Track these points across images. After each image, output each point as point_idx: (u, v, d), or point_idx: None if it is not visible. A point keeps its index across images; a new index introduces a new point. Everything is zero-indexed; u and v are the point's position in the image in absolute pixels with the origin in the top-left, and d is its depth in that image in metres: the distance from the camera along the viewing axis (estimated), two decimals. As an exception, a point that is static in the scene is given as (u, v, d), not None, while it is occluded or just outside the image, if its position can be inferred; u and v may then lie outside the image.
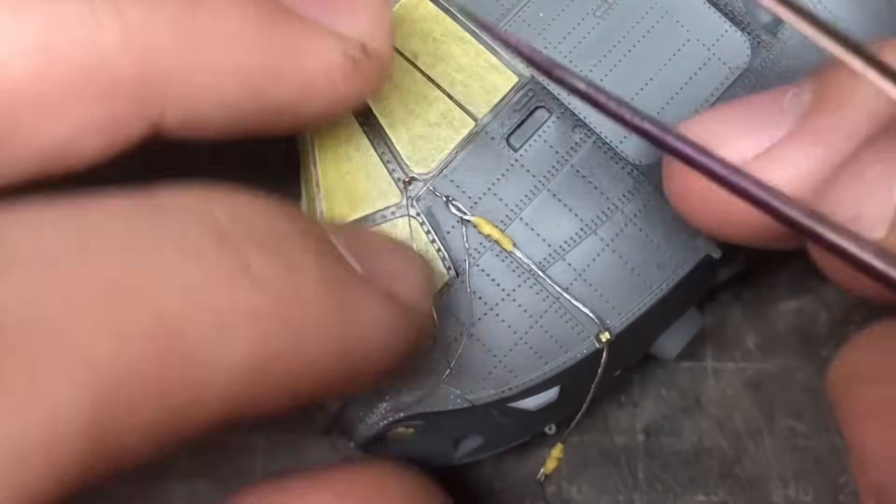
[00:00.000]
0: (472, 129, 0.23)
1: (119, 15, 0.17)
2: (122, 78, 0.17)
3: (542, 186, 0.23)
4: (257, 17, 0.18)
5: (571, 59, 0.23)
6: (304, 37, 0.19)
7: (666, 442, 0.29)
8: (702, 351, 0.30)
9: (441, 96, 0.23)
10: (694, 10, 0.23)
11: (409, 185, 0.23)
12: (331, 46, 0.19)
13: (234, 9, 0.18)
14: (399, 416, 0.23)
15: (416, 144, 0.23)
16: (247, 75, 0.18)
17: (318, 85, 0.19)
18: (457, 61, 0.23)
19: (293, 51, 0.18)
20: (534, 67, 0.16)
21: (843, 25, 0.19)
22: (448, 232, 0.23)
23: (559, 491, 0.29)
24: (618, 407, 0.30)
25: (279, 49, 0.18)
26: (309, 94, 0.19)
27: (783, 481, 0.29)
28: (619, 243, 0.23)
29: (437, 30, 0.23)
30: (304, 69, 0.19)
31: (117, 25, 0.17)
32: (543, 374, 0.23)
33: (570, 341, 0.22)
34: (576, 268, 0.22)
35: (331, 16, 0.19)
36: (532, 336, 0.22)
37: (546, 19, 0.23)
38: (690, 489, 0.29)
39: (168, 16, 0.17)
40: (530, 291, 0.22)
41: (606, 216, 0.23)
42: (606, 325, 0.23)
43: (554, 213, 0.23)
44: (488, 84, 0.23)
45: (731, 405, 0.30)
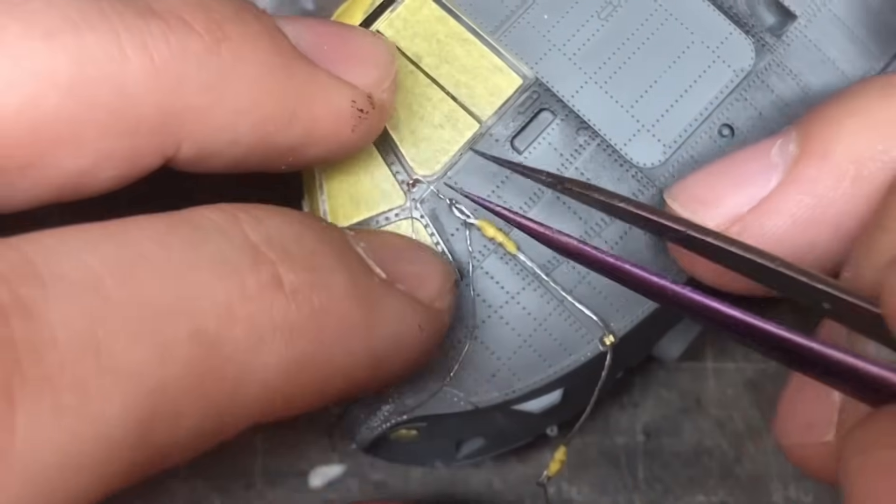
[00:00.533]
0: (476, 132, 0.23)
1: (145, 50, 0.17)
2: (145, 113, 0.17)
3: (547, 189, 0.23)
4: (276, 61, 0.19)
5: (576, 62, 0.23)
6: (317, 84, 0.19)
7: (666, 442, 0.30)
8: (702, 352, 0.30)
9: (445, 98, 0.23)
10: (698, 12, 0.23)
11: (413, 188, 0.23)
12: (340, 95, 0.20)
13: (256, 51, 0.18)
14: (402, 419, 0.23)
15: (420, 146, 0.23)
16: (261, 116, 0.19)
17: (325, 130, 0.20)
18: (461, 63, 0.23)
19: (306, 96, 0.19)
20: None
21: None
22: (452, 234, 0.23)
23: (559, 491, 0.29)
24: (618, 408, 0.30)
25: (293, 94, 0.19)
26: (316, 138, 0.20)
27: (783, 481, 0.29)
28: (623, 246, 0.23)
29: (441, 31, 0.23)
30: (315, 115, 0.19)
31: (144, 61, 0.17)
32: (547, 376, 0.23)
33: (574, 344, 0.22)
34: (580, 270, 0.22)
35: (343, 66, 0.20)
36: (536, 339, 0.22)
37: (550, 21, 0.23)
38: (690, 489, 0.29)
39: (193, 53, 0.17)
40: (534, 294, 0.22)
41: (610, 218, 0.23)
42: (610, 328, 0.23)
43: (558, 215, 0.23)
44: (492, 86, 0.23)
45: (731, 405, 0.30)
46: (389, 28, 0.23)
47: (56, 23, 0.16)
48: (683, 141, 0.23)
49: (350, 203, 0.23)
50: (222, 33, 0.18)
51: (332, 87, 0.20)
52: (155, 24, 0.17)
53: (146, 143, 0.18)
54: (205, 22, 0.18)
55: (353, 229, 0.21)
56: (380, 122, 0.21)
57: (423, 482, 0.30)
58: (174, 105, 0.17)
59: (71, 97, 0.16)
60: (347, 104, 0.20)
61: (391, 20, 0.23)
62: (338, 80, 0.20)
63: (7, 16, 0.16)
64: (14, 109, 0.16)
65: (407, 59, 0.23)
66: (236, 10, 0.19)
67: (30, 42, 0.16)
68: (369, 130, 0.21)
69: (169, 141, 0.18)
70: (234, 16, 0.18)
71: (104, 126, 0.17)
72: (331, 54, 0.20)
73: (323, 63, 0.20)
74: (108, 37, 0.17)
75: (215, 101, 0.18)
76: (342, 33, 0.21)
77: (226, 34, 0.18)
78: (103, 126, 0.17)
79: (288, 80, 0.19)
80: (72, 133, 0.17)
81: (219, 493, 0.29)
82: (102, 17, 0.17)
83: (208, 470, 0.29)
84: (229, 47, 0.18)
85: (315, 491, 0.30)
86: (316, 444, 0.30)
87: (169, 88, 0.17)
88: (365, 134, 0.21)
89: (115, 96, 0.17)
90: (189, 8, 0.18)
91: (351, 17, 0.24)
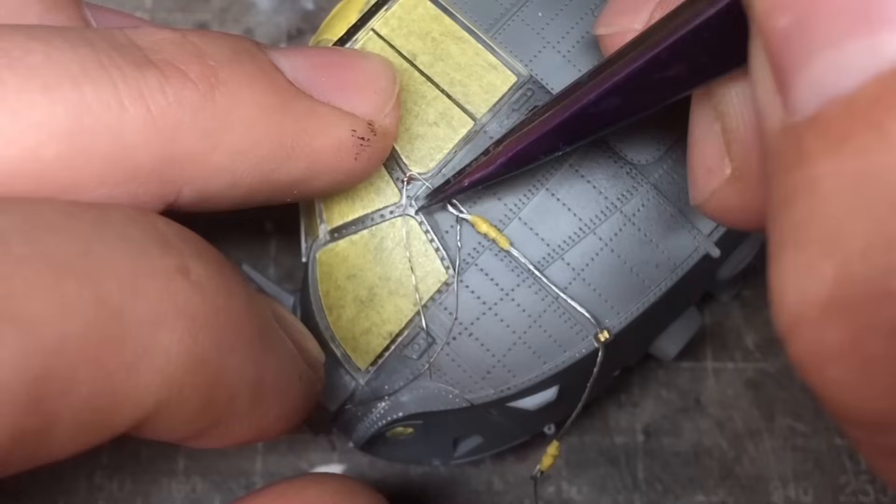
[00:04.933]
0: (470, 129, 0.23)
1: (142, 100, 0.17)
2: (144, 162, 0.18)
3: (541, 185, 0.23)
4: (272, 101, 0.19)
5: (570, 59, 0.23)
6: (315, 118, 0.20)
7: (666, 442, 0.29)
8: (702, 351, 0.30)
9: (440, 96, 0.23)
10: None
11: (408, 185, 0.23)
12: (340, 126, 0.20)
13: (250, 94, 0.19)
14: (398, 416, 0.23)
15: (415, 144, 0.23)
16: (260, 156, 0.19)
17: (326, 162, 0.20)
18: (455, 61, 0.23)
19: (304, 132, 0.19)
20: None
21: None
22: (447, 231, 0.23)
23: (559, 491, 0.29)
24: (618, 407, 0.30)
25: (291, 130, 0.19)
26: (318, 171, 0.20)
27: (783, 481, 0.29)
28: (617, 243, 0.23)
29: (436, 29, 0.23)
30: (315, 148, 0.20)
31: (141, 111, 0.17)
32: (542, 373, 0.23)
33: (568, 341, 0.22)
34: (574, 267, 0.22)
35: (339, 95, 0.20)
36: (531, 336, 0.22)
37: (545, 19, 0.23)
38: (690, 489, 0.29)
39: (189, 101, 0.18)
40: (529, 291, 0.22)
41: (605, 215, 0.23)
42: (604, 325, 0.22)
43: (553, 212, 0.23)
44: (487, 83, 0.23)
45: (730, 405, 0.30)
46: (384, 26, 0.23)
47: (55, 76, 0.17)
48: (677, 138, 0.23)
49: (345, 201, 0.23)
50: (216, 79, 0.18)
51: (331, 119, 0.20)
52: (151, 75, 0.17)
53: (145, 189, 0.18)
54: (199, 70, 0.18)
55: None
56: (384, 147, 0.21)
57: (423, 482, 0.29)
58: (172, 152, 0.18)
59: (70, 147, 0.17)
60: (347, 134, 0.20)
61: (386, 18, 0.23)
62: (336, 111, 0.20)
63: (7, 69, 0.16)
64: (16, 162, 0.16)
65: (402, 57, 0.23)
66: (232, 52, 0.19)
67: (29, 95, 0.16)
68: (373, 157, 0.21)
69: (168, 187, 0.18)
70: (230, 59, 0.19)
71: (102, 175, 0.17)
72: (328, 84, 0.20)
73: (321, 95, 0.20)
74: (106, 88, 0.17)
75: (212, 146, 0.18)
76: (340, 61, 0.21)
77: (220, 80, 0.18)
78: (102, 175, 0.17)
79: (285, 117, 0.19)
80: (72, 182, 0.17)
81: (219, 493, 0.29)
82: (101, 69, 0.17)
83: (208, 470, 0.29)
84: (224, 92, 0.18)
85: (315, 491, 0.30)
86: (316, 444, 0.30)
87: (166, 137, 0.18)
88: (369, 161, 0.21)
89: (113, 146, 0.17)
90: (184, 56, 0.18)
91: (346, 16, 0.24)
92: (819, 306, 0.12)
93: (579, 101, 0.19)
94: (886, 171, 0.11)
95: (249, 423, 0.19)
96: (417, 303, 0.23)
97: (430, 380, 0.23)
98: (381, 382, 0.23)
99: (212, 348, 0.17)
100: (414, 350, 0.23)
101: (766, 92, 0.13)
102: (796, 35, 0.12)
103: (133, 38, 0.18)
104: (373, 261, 0.23)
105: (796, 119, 0.13)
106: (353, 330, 0.23)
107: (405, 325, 0.23)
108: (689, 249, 0.23)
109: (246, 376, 0.18)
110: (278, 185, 0.20)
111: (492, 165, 0.21)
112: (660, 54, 0.16)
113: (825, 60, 0.12)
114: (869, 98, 0.12)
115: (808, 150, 0.12)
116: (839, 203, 0.12)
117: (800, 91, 0.12)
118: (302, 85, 0.20)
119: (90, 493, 0.29)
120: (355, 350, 0.23)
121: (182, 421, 0.17)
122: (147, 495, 0.29)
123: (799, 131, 0.13)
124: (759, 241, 0.25)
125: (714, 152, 0.17)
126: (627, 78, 0.17)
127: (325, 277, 0.23)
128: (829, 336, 0.12)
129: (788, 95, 0.13)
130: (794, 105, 0.13)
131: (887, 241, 0.11)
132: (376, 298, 0.23)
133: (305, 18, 0.33)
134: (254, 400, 0.18)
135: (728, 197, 0.17)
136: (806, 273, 0.12)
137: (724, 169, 0.17)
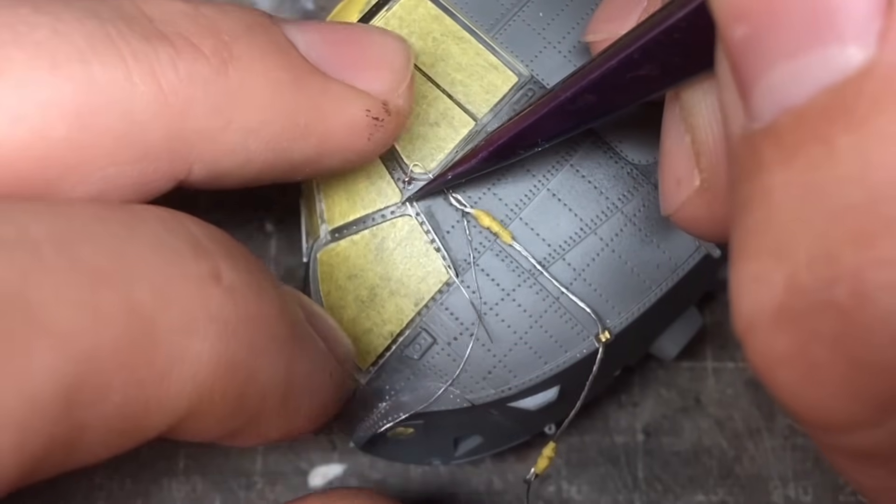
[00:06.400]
0: (471, 129, 0.23)
1: (153, 77, 0.17)
2: (154, 139, 0.17)
3: (542, 186, 0.23)
4: (286, 77, 0.19)
5: (571, 59, 0.23)
6: (329, 96, 0.19)
7: (666, 442, 0.29)
8: (702, 351, 0.30)
9: (440, 96, 0.23)
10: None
11: (409, 185, 0.23)
12: (354, 105, 0.20)
13: (264, 70, 0.18)
14: (399, 416, 0.23)
15: (416, 144, 0.23)
16: (272, 134, 0.19)
17: (339, 142, 0.20)
18: (456, 61, 0.23)
19: (318, 110, 0.19)
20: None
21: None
22: (448, 231, 0.23)
23: (559, 491, 0.29)
24: (618, 407, 0.30)
25: (304, 108, 0.19)
26: (330, 149, 0.20)
27: (783, 481, 0.29)
28: (618, 243, 0.23)
29: (437, 29, 0.23)
30: (328, 127, 0.19)
31: (152, 88, 0.17)
32: (543, 373, 0.23)
33: (569, 341, 0.22)
34: (575, 267, 0.22)
35: (354, 73, 0.20)
36: (532, 336, 0.22)
37: (546, 19, 0.23)
38: (690, 489, 0.29)
39: (201, 77, 0.17)
40: (530, 291, 0.22)
41: (606, 216, 0.23)
42: (606, 325, 0.22)
43: (554, 212, 0.23)
44: (488, 83, 0.23)
45: (730, 405, 0.30)
46: (385, 26, 0.23)
47: (62, 52, 0.16)
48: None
49: (346, 201, 0.23)
50: (230, 54, 0.18)
51: (345, 97, 0.19)
52: (162, 49, 0.17)
53: (155, 167, 0.18)
54: (213, 44, 0.18)
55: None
56: (397, 128, 0.21)
57: (423, 481, 0.30)
58: (183, 129, 0.17)
59: (79, 126, 0.16)
60: (362, 114, 0.20)
61: (387, 19, 0.23)
62: (351, 89, 0.20)
63: (13, 46, 0.16)
64: (23, 142, 0.16)
65: (402, 57, 0.23)
66: (246, 27, 0.18)
67: (36, 73, 0.16)
68: (385, 137, 0.21)
69: (179, 165, 0.18)
70: (243, 33, 0.18)
71: (112, 153, 0.17)
72: (343, 62, 0.20)
73: (335, 72, 0.20)
74: (116, 64, 0.16)
75: (224, 123, 0.18)
76: (355, 38, 0.21)
77: (233, 54, 0.18)
78: (112, 153, 0.17)
79: (298, 95, 0.19)
80: (80, 161, 0.17)
81: (219, 493, 0.29)
82: (109, 43, 0.17)
83: (208, 469, 0.29)
84: (237, 67, 0.18)
85: (315, 491, 0.30)
86: (316, 443, 0.30)
87: (177, 113, 0.17)
88: (381, 141, 0.21)
89: (123, 123, 0.17)
90: (197, 29, 0.18)
91: (347, 16, 0.24)
92: (770, 314, 0.13)
93: (556, 98, 0.19)
94: (831, 184, 0.12)
95: (280, 422, 0.19)
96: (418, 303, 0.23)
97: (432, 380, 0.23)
98: (381, 383, 0.23)
99: (243, 352, 0.16)
100: (415, 350, 0.23)
101: (730, 96, 0.13)
102: (754, 44, 0.12)
103: (143, 7, 0.18)
104: (374, 261, 0.23)
105: (755, 126, 0.13)
106: (354, 330, 0.23)
107: (406, 326, 0.23)
108: (690, 250, 0.23)
109: (277, 378, 0.18)
110: (290, 164, 0.19)
111: (473, 159, 0.21)
112: (633, 53, 0.17)
113: (780, 71, 0.12)
114: (818, 110, 0.12)
115: (762, 158, 0.12)
116: (788, 213, 0.12)
117: (759, 99, 0.13)
118: (316, 61, 0.19)
119: (90, 493, 0.29)
120: (356, 350, 0.23)
121: (213, 424, 0.17)
122: (147, 495, 0.29)
123: (756, 139, 0.13)
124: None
125: (683, 163, 0.17)
126: (602, 76, 0.18)
127: (326, 277, 0.23)
128: (779, 343, 0.13)
129: (749, 102, 0.13)
130: (754, 112, 0.13)
131: (829, 254, 0.12)
132: (377, 298, 0.23)
133: (305, 18, 0.33)
134: (284, 400, 0.18)
135: (697, 208, 0.17)
136: (758, 281, 0.13)
137: (693, 180, 0.17)
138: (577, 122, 0.20)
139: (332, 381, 0.20)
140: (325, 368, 0.20)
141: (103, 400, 0.14)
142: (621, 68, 0.17)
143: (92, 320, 0.14)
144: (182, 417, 0.16)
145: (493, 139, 0.21)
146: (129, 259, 0.15)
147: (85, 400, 0.14)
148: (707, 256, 0.23)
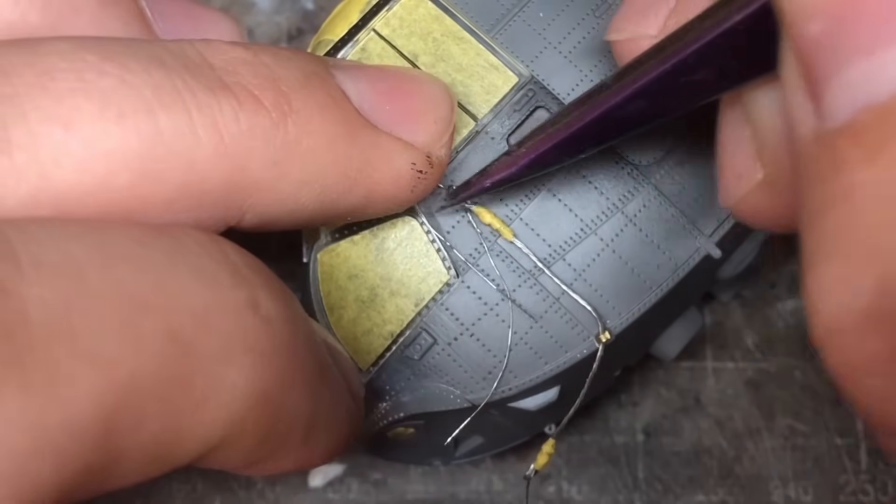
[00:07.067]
0: (472, 129, 0.23)
1: (215, 128, 0.17)
2: (212, 189, 0.17)
3: (542, 186, 0.23)
4: (341, 131, 0.19)
5: (572, 60, 0.23)
6: (379, 150, 0.19)
7: (666, 442, 0.29)
8: (702, 351, 0.30)
9: (441, 96, 0.23)
10: (694, 9, 0.23)
11: (409, 185, 0.23)
12: (401, 158, 0.20)
13: (321, 124, 0.18)
14: (399, 416, 0.23)
15: (416, 144, 0.23)
16: (324, 186, 0.19)
17: (384, 193, 0.20)
18: (456, 61, 0.23)
19: (368, 164, 0.19)
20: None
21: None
22: (448, 232, 0.23)
23: (559, 490, 0.29)
24: (618, 407, 0.30)
25: (356, 162, 0.19)
26: (374, 200, 0.20)
27: (783, 481, 0.29)
28: (618, 243, 0.23)
29: (437, 29, 0.23)
30: (376, 180, 0.20)
31: (214, 139, 0.17)
32: (543, 374, 0.23)
33: (569, 341, 0.22)
34: (576, 268, 0.22)
35: (404, 124, 0.20)
36: (532, 336, 0.22)
37: (546, 19, 0.23)
38: (690, 489, 0.29)
39: (261, 129, 0.17)
40: (530, 292, 0.22)
41: (606, 216, 0.23)
42: (606, 325, 0.23)
43: (554, 212, 0.23)
44: (488, 84, 0.23)
45: (730, 405, 0.30)
46: (386, 26, 0.23)
47: (129, 103, 0.16)
48: (679, 139, 0.23)
49: (347, 201, 0.23)
50: (289, 107, 0.18)
51: (394, 150, 0.20)
52: (225, 101, 0.17)
53: (210, 214, 0.18)
54: (273, 96, 0.18)
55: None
56: (437, 179, 0.21)
57: (423, 481, 0.30)
58: (240, 181, 0.17)
59: (142, 176, 0.16)
60: (407, 167, 0.20)
61: (387, 19, 0.23)
62: (399, 142, 0.20)
63: (82, 96, 0.16)
64: (87, 190, 0.16)
65: (403, 57, 0.23)
66: (304, 77, 0.19)
67: (103, 124, 0.16)
68: (427, 189, 0.21)
69: (233, 212, 0.18)
70: (302, 86, 0.18)
71: (172, 201, 0.17)
72: (393, 114, 0.20)
73: (384, 124, 0.20)
74: (180, 116, 0.17)
75: (280, 175, 0.18)
76: (405, 87, 0.21)
77: (292, 107, 0.18)
78: (171, 201, 0.17)
79: (351, 149, 0.19)
80: (140, 208, 0.17)
81: (219, 493, 0.29)
82: (175, 94, 0.17)
83: (208, 470, 0.29)
84: (296, 121, 0.18)
85: (315, 490, 0.30)
86: (316, 443, 0.30)
87: (236, 165, 0.17)
88: (423, 193, 0.21)
89: (184, 173, 0.17)
90: (257, 80, 0.18)
91: (348, 16, 0.24)
92: (857, 317, 0.12)
93: (605, 104, 0.18)
94: None
95: (299, 454, 0.19)
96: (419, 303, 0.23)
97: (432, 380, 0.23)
98: (382, 383, 0.23)
99: (275, 384, 0.16)
100: (415, 350, 0.23)
101: (798, 98, 0.13)
102: (829, 41, 0.12)
103: (206, 55, 0.18)
104: (374, 261, 0.23)
105: (829, 126, 0.12)
106: (354, 330, 0.23)
107: (406, 326, 0.23)
108: (691, 250, 0.23)
109: (303, 411, 0.18)
110: (335, 212, 0.20)
111: (514, 166, 0.21)
112: (688, 58, 0.16)
113: (859, 68, 0.12)
114: None
115: (842, 158, 0.12)
116: (876, 213, 0.12)
117: (833, 98, 0.12)
118: (367, 113, 0.20)
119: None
120: (356, 351, 0.23)
121: (239, 454, 0.17)
122: (147, 495, 0.29)
123: (833, 139, 0.12)
124: (759, 242, 0.26)
125: (744, 157, 0.17)
126: (654, 81, 0.17)
127: (327, 278, 0.23)
128: (868, 347, 0.12)
129: (821, 102, 0.13)
130: (827, 112, 0.12)
131: None
132: (377, 299, 0.23)
133: (306, 18, 0.33)
134: (307, 433, 0.18)
135: (759, 201, 0.17)
136: (843, 283, 0.12)
137: (755, 174, 0.17)
138: (624, 129, 0.19)
139: (348, 416, 0.20)
140: (343, 402, 0.20)
141: (140, 428, 0.14)
142: (675, 73, 0.17)
143: (133, 347, 0.14)
144: (214, 447, 0.16)
145: (536, 145, 0.21)
146: (170, 285, 0.15)
147: (123, 427, 0.14)
148: (707, 257, 0.23)
